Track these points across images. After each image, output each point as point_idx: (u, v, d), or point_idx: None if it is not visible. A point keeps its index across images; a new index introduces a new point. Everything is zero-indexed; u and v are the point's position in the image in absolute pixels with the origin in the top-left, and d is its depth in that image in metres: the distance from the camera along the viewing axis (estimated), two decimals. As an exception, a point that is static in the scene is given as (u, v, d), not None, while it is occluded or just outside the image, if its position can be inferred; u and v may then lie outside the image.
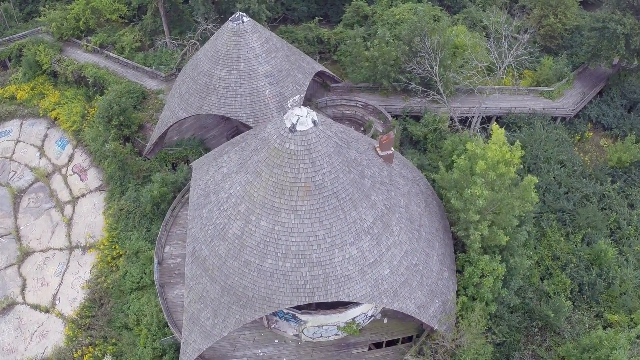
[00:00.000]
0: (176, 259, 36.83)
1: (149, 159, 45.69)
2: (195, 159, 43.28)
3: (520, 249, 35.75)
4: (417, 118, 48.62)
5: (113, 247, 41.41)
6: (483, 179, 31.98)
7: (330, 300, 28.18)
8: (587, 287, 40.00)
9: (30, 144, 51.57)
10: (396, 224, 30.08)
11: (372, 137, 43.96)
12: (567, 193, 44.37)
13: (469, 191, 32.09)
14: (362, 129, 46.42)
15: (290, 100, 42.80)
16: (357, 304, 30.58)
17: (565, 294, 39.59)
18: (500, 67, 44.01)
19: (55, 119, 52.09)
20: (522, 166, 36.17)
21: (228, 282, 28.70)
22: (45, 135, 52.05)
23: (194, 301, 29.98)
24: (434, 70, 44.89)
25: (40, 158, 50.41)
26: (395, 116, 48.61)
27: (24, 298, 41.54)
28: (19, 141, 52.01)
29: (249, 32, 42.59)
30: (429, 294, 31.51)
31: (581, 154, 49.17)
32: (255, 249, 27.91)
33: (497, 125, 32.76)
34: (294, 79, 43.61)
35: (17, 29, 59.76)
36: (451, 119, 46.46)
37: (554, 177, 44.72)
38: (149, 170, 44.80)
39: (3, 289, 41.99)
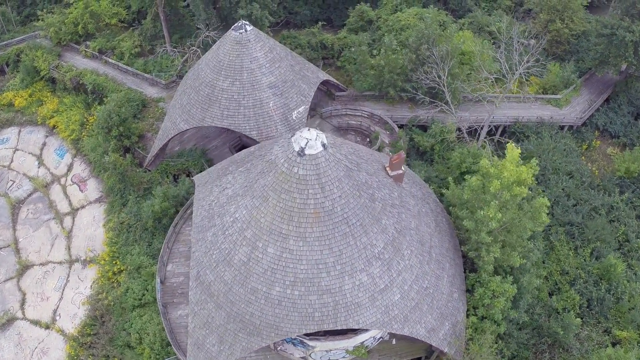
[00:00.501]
0: (179, 278, 35.72)
1: (149, 170, 44.44)
2: (197, 172, 42.15)
3: (532, 267, 34.78)
4: (423, 128, 47.42)
5: (114, 262, 40.28)
6: (496, 201, 30.85)
7: (339, 327, 27.17)
8: (595, 303, 39.10)
9: (29, 153, 50.24)
10: (407, 248, 29.01)
11: (379, 149, 42.82)
12: (576, 205, 43.32)
13: (482, 212, 31.04)
14: (367, 140, 45.22)
15: (295, 112, 42.21)
16: (366, 329, 29.61)
17: (574, 310, 38.71)
18: (510, 79, 42.78)
19: (54, 127, 50.73)
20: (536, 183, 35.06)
21: (234, 309, 27.63)
22: (44, 144, 50.72)
23: (199, 327, 28.92)
24: (441, 80, 43.65)
25: (39, 167, 49.12)
26: (402, 126, 47.37)
27: (23, 313, 40.44)
28: (17, 149, 50.67)
29: (252, 42, 41.21)
30: (439, 316, 30.55)
31: (588, 164, 48.11)
32: (263, 276, 26.81)
33: (513, 145, 31.54)
34: (299, 89, 42.32)
35: (15, 33, 58.19)
36: (459, 129, 45.24)
37: (563, 189, 43.66)
38: (149, 183, 43.59)
39: (2, 304, 40.87)
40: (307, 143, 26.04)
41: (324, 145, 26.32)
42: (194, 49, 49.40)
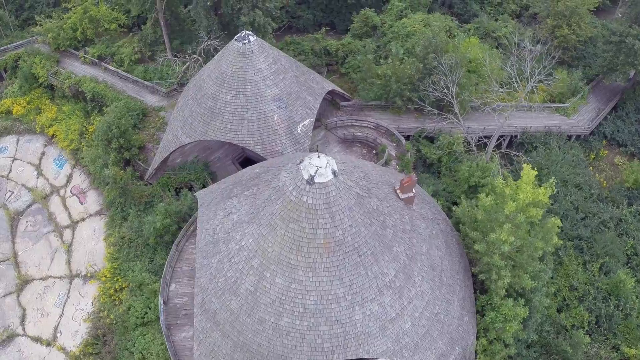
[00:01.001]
0: (182, 298, 34.61)
1: (150, 183, 43.28)
2: (199, 187, 41.11)
3: (543, 288, 33.90)
4: (430, 139, 46.30)
5: (115, 279, 39.21)
6: (510, 225, 29.85)
7: (349, 358, 26.27)
8: (604, 319, 38.34)
9: (28, 162, 48.98)
10: (418, 274, 28.06)
11: (386, 162, 41.75)
12: (585, 219, 42.39)
13: (494, 236, 30.08)
14: (374, 151, 44.08)
15: (300, 125, 41.03)
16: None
17: (583, 327, 37.95)
18: (522, 94, 41.66)
19: (53, 136, 49.46)
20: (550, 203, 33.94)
21: (241, 339, 26.67)
22: (43, 153, 49.46)
23: (204, 355, 27.98)
24: (450, 92, 42.52)
25: (37, 177, 47.89)
26: (408, 137, 46.27)
27: (24, 329, 39.44)
28: (16, 159, 49.39)
29: (255, 53, 39.95)
30: (450, 341, 29.68)
31: (596, 174, 47.15)
32: (270, 306, 25.84)
33: (529, 165, 30.43)
34: (304, 101, 41.11)
35: (13, 38, 56.58)
36: (467, 141, 44.10)
37: (571, 202, 42.72)
38: (151, 196, 42.42)
39: (3, 319, 39.85)
40: (316, 171, 24.96)
41: (334, 172, 25.24)
42: (195, 57, 48.04)
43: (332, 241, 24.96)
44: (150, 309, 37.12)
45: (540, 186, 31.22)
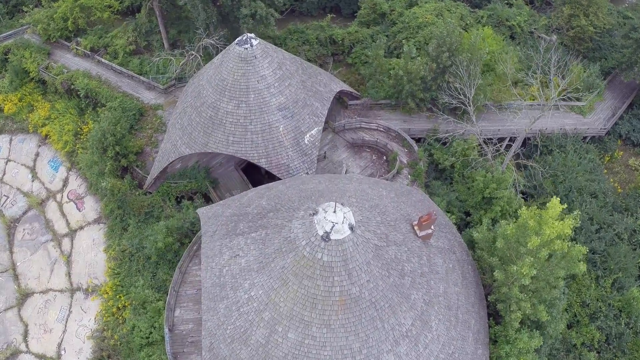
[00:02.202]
0: (188, 325, 33.14)
1: (150, 192, 41.09)
2: (200, 201, 39.04)
3: (558, 315, 32.58)
4: (443, 142, 43.94)
5: (118, 296, 37.67)
6: (532, 258, 28.11)
7: (363, 408, 25.10)
8: (614, 338, 37.34)
9: (22, 164, 46.48)
10: (434, 317, 26.51)
11: (397, 172, 39.51)
12: (599, 230, 40.67)
13: (515, 268, 28.43)
14: (384, 157, 41.73)
15: (308, 135, 38.46)
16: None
17: (593, 344, 37.01)
18: (545, 106, 39.00)
19: (47, 136, 46.77)
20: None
21: (252, 389, 25.39)
22: (37, 154, 46.87)
23: (213, 399, 26.78)
24: (466, 99, 39.88)
25: (32, 181, 45.51)
26: (419, 139, 43.85)
27: (27, 346, 38.14)
28: (10, 160, 46.82)
29: (259, 58, 36.95)
30: (464, 377, 28.57)
31: (611, 178, 45.12)
32: (282, 360, 24.41)
33: (557, 200, 28.31)
34: (311, 109, 38.42)
35: (3, 28, 52.70)
36: (481, 145, 41.67)
37: (587, 212, 40.88)
38: (151, 206, 40.28)
39: (5, 335, 38.50)
40: (332, 227, 22.84)
41: (351, 227, 23.12)
42: (194, 54, 44.73)
43: (349, 298, 23.20)
44: (155, 328, 35.68)
45: (562, 217, 29.35)
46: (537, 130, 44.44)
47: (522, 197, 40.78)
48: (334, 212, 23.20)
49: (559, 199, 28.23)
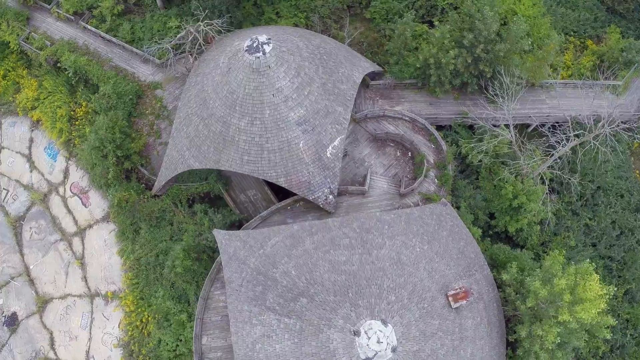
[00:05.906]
0: (217, 353, 32.03)
1: (159, 196, 37.61)
2: (213, 202, 35.97)
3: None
4: (470, 126, 39.37)
5: (140, 309, 36.35)
6: (560, 329, 26.50)
7: None
8: (617, 347, 37.08)
9: (17, 152, 41.87)
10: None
11: (425, 176, 35.77)
12: (620, 236, 38.17)
13: (540, 332, 27.08)
14: (409, 154, 37.54)
15: (330, 148, 33.93)
16: None
17: (598, 354, 36.87)
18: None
19: (38, 121, 41.60)
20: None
21: None
22: (31, 140, 42.05)
23: None
24: (503, 92, 34.77)
25: (31, 172, 41.43)
26: (445, 127, 39.24)
27: (55, 354, 37.64)
28: (3, 147, 42.15)
29: (273, 68, 30.97)
30: None
31: (636, 171, 41.36)
32: None
33: (598, 278, 25.68)
34: (333, 116, 33.21)
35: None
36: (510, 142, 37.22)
37: (609, 215, 38.12)
38: (161, 211, 37.18)
39: (32, 343, 37.91)
40: (375, 355, 20.45)
41: (394, 349, 20.76)
42: (192, 32, 37.52)
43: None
44: (180, 341, 35.02)
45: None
46: (569, 115, 39.09)
47: (547, 192, 37.53)
48: (378, 341, 20.65)
49: (598, 276, 25.75)
